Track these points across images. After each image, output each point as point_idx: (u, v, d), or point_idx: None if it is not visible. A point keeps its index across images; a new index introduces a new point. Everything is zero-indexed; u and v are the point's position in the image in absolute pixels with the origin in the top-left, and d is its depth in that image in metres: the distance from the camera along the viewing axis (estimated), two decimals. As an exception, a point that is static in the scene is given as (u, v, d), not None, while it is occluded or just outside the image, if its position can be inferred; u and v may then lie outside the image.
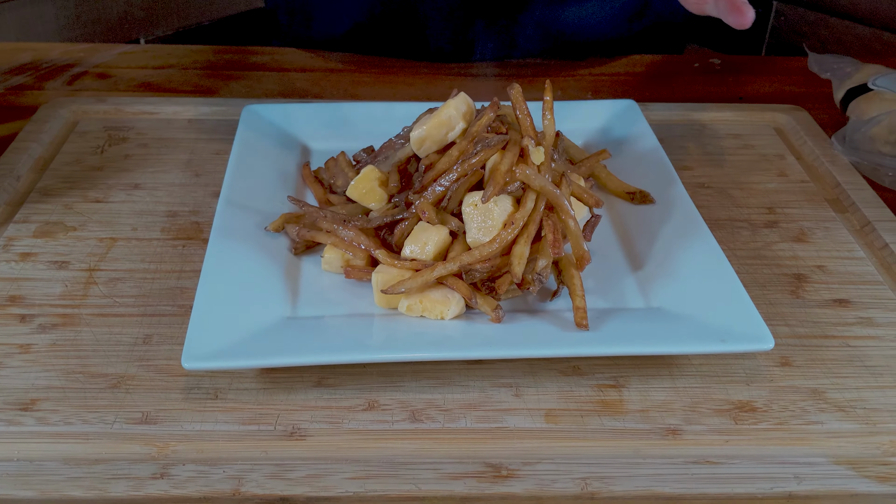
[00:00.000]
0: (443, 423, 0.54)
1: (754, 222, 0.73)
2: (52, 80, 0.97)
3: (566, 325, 0.58)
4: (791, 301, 0.64)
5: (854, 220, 0.74)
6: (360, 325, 0.58)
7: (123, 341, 0.59)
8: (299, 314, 0.59)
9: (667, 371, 0.58)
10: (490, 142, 0.61)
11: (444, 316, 0.58)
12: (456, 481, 0.50)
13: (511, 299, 0.61)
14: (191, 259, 0.66)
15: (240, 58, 1.04)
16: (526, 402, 0.55)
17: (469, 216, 0.59)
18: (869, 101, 0.90)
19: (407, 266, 0.59)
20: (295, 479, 0.50)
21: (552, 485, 0.50)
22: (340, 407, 0.55)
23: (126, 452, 0.51)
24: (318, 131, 0.80)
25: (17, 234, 0.69)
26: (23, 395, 0.54)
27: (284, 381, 0.56)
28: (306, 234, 0.63)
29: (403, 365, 0.57)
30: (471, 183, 0.61)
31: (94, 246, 0.68)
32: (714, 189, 0.78)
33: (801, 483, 0.51)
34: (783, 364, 0.59)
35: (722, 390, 0.57)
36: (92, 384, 0.55)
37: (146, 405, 0.54)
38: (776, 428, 0.54)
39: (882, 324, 0.63)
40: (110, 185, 0.76)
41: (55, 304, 0.62)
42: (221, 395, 0.55)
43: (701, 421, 0.54)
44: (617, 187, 0.72)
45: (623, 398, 0.56)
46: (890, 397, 0.57)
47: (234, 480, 0.50)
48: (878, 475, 0.51)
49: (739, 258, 0.69)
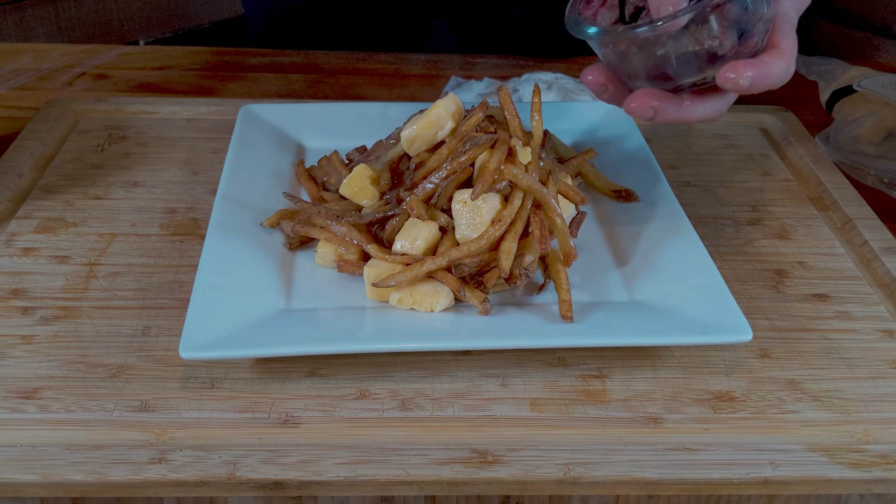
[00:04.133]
0: (431, 412, 0.56)
1: (738, 220, 0.75)
2: (52, 81, 0.99)
3: (552, 318, 0.59)
4: (771, 295, 0.66)
5: (835, 217, 0.76)
6: (352, 318, 0.60)
7: (123, 333, 0.61)
8: (293, 307, 0.61)
9: (649, 362, 0.60)
10: (478, 140, 0.62)
11: (434, 308, 0.60)
12: (443, 466, 0.52)
13: (499, 293, 0.63)
14: (188, 254, 0.68)
15: (237, 59, 1.06)
16: (512, 392, 0.57)
17: (458, 213, 0.61)
18: (854, 103, 0.92)
19: (398, 260, 0.61)
20: (288, 465, 0.52)
21: (536, 470, 0.52)
22: (332, 396, 0.56)
23: (125, 439, 0.53)
24: (313, 131, 0.82)
25: (19, 229, 0.70)
26: (25, 384, 0.56)
27: (279, 371, 0.58)
28: (300, 230, 0.65)
29: (394, 356, 0.59)
30: (460, 180, 0.63)
31: (94, 241, 0.69)
32: (699, 187, 0.80)
33: (776, 469, 0.52)
34: (762, 356, 0.61)
35: (702, 381, 0.58)
36: (92, 374, 0.57)
37: (145, 394, 0.56)
38: (754, 417, 0.56)
39: (859, 317, 0.64)
40: (110, 182, 0.77)
41: (56, 297, 0.63)
42: (218, 385, 0.57)
43: (681, 410, 0.56)
44: (604, 185, 0.74)
45: (606, 388, 0.58)
46: (865, 388, 0.58)
47: (230, 465, 0.51)
48: (851, 462, 0.53)
49: (722, 254, 0.70)
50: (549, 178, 0.64)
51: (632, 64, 0.61)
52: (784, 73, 0.59)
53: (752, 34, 0.59)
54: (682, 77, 0.61)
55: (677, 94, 0.61)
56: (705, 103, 0.62)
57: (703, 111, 0.62)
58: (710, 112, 0.62)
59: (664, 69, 0.60)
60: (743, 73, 0.57)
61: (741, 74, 0.57)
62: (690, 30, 0.58)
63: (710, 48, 0.58)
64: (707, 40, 0.58)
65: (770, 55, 0.59)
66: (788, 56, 0.60)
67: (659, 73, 0.61)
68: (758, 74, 0.57)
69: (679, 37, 0.58)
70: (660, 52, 0.59)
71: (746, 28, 0.59)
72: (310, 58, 1.06)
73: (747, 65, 0.58)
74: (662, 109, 0.60)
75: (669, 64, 0.60)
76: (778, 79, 0.59)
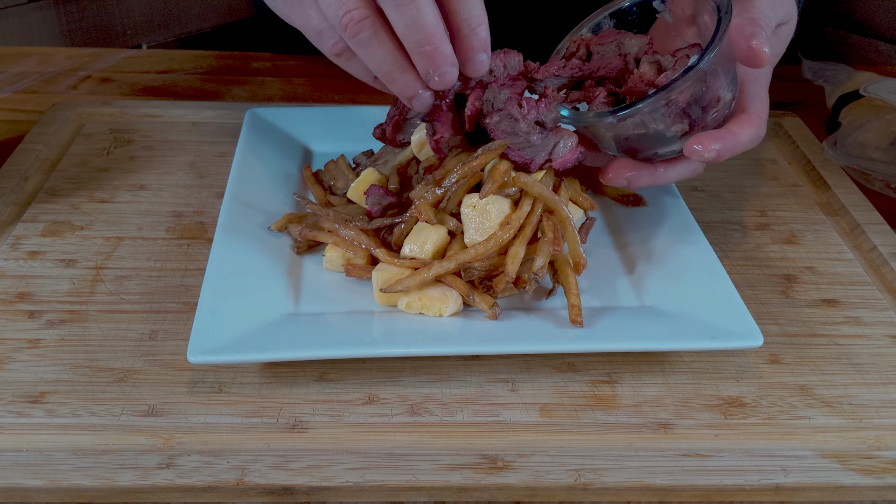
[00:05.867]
0: (440, 417, 0.55)
1: (746, 225, 0.75)
2: (56, 84, 0.98)
3: (561, 323, 0.59)
4: (781, 301, 0.66)
5: (844, 223, 0.76)
6: (360, 322, 0.60)
7: (130, 337, 0.60)
8: (301, 311, 0.61)
9: (659, 367, 0.59)
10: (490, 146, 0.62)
11: (443, 313, 0.59)
12: (453, 472, 0.52)
13: (508, 297, 0.62)
14: (195, 258, 0.68)
15: (241, 63, 1.06)
16: (521, 397, 0.57)
17: (467, 217, 0.61)
18: (860, 108, 0.91)
19: (406, 265, 0.61)
20: (297, 470, 0.51)
21: (546, 476, 0.52)
22: (341, 400, 0.56)
23: (133, 443, 0.53)
24: (320, 134, 0.82)
25: (25, 232, 0.70)
26: (32, 389, 0.56)
27: (287, 376, 0.58)
28: (308, 234, 0.65)
29: (402, 360, 0.59)
30: (469, 184, 0.62)
31: (100, 245, 0.69)
32: (707, 192, 0.79)
33: (787, 475, 0.52)
34: (772, 361, 0.60)
35: (712, 386, 0.58)
36: (99, 378, 0.57)
37: (152, 398, 0.56)
38: (764, 423, 0.56)
39: (869, 323, 0.64)
40: (116, 185, 0.77)
41: (63, 301, 0.63)
42: (226, 389, 0.57)
43: (691, 416, 0.56)
44: (611, 190, 0.74)
45: (616, 393, 0.57)
46: (875, 393, 0.58)
47: (238, 471, 0.51)
48: (863, 468, 0.53)
49: (731, 259, 0.70)
50: (562, 186, 0.63)
51: (603, 139, 0.64)
52: (753, 140, 0.60)
53: (717, 109, 0.60)
54: (649, 151, 0.62)
55: (650, 161, 0.63)
56: (678, 167, 0.63)
57: (677, 174, 0.63)
58: (686, 173, 0.63)
59: (633, 145, 0.62)
60: (709, 146, 0.58)
61: (707, 148, 0.58)
62: (652, 114, 0.59)
63: (674, 131, 0.60)
64: (670, 123, 0.59)
65: (737, 124, 0.59)
66: (758, 121, 0.60)
67: (629, 148, 0.63)
68: (724, 147, 0.58)
69: (642, 121, 0.59)
70: (627, 133, 0.61)
71: (708, 104, 0.59)
72: (314, 61, 1.06)
73: (713, 137, 0.58)
74: (637, 178, 0.62)
75: (637, 141, 0.62)
76: (746, 147, 0.59)
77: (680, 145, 0.61)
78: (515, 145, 0.61)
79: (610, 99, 0.62)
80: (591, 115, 0.61)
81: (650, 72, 0.61)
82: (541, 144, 0.62)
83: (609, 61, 0.64)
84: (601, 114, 0.60)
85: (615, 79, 0.64)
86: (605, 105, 0.62)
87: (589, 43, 0.66)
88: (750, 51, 0.58)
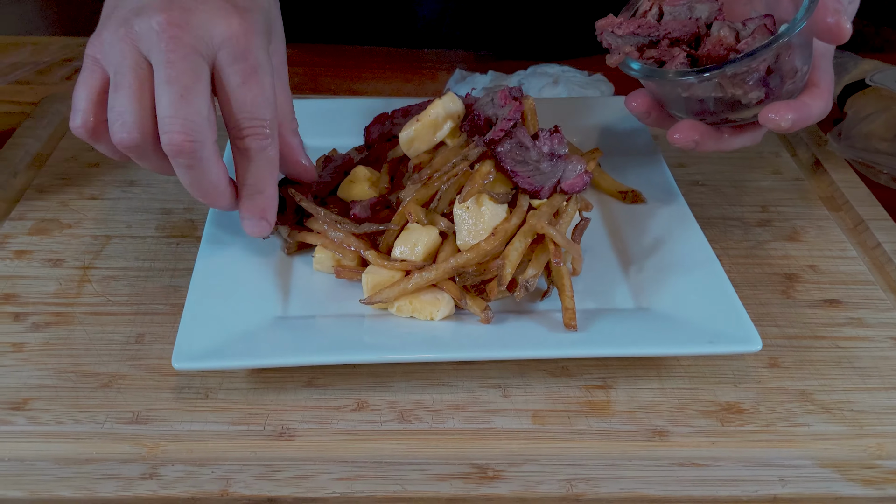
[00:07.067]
0: (431, 424, 0.54)
1: (747, 221, 0.73)
2: (50, 75, 0.97)
3: (555, 326, 0.58)
4: (781, 301, 0.65)
5: (847, 218, 0.74)
6: (350, 326, 0.58)
7: (116, 340, 0.59)
8: (290, 314, 0.60)
9: (655, 372, 0.58)
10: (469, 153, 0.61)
11: (434, 317, 0.58)
12: (442, 482, 0.51)
13: (500, 300, 0.61)
14: (184, 257, 0.67)
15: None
16: (514, 403, 0.56)
17: (460, 218, 0.59)
18: (866, 98, 0.89)
19: (397, 267, 0.59)
20: (283, 480, 0.50)
21: (537, 486, 0.50)
22: (330, 407, 0.55)
23: (116, 452, 0.52)
24: (312, 127, 0.80)
25: (12, 231, 0.69)
26: (15, 395, 0.55)
27: (275, 381, 0.56)
28: (297, 236, 0.64)
29: (393, 365, 0.58)
30: (460, 184, 0.61)
31: (88, 243, 0.68)
32: (708, 187, 0.78)
33: (785, 486, 0.51)
34: (772, 365, 0.59)
35: (709, 392, 0.57)
36: (84, 383, 0.56)
37: (137, 405, 0.55)
38: (762, 430, 0.54)
39: (872, 324, 0.63)
40: (106, 181, 0.76)
41: (49, 303, 0.62)
42: (212, 395, 0.55)
43: (687, 422, 0.55)
44: (609, 186, 0.72)
45: (610, 399, 0.56)
46: (878, 399, 0.57)
47: (223, 481, 0.50)
48: (863, 478, 0.52)
49: (731, 257, 0.69)
50: (572, 199, 0.63)
51: (675, 100, 0.63)
52: (822, 113, 0.61)
53: (794, 80, 0.60)
54: (719, 115, 0.62)
55: (717, 126, 0.63)
56: (744, 135, 0.64)
57: (741, 142, 0.64)
58: (748, 142, 0.65)
59: (706, 107, 0.62)
60: (784, 115, 0.58)
61: (782, 117, 0.58)
62: (733, 79, 0.59)
63: (749, 98, 0.60)
64: (748, 90, 0.59)
65: (810, 96, 0.61)
66: (827, 95, 0.61)
67: (701, 111, 0.63)
68: (798, 117, 0.59)
69: (722, 84, 0.60)
70: (703, 95, 0.61)
71: (786, 74, 0.60)
72: (309, 50, 1.04)
73: (789, 107, 0.59)
74: (703, 142, 0.63)
75: (711, 105, 0.62)
76: (816, 119, 0.60)
77: (750, 113, 0.61)
78: (525, 173, 0.61)
79: (688, 60, 0.62)
80: (672, 73, 0.60)
81: (730, 36, 0.60)
82: (550, 172, 0.62)
83: (684, 23, 0.63)
84: (683, 72, 0.60)
85: (688, 41, 0.63)
86: (684, 66, 0.61)
87: (661, 3, 0.65)
88: (833, 26, 0.59)
